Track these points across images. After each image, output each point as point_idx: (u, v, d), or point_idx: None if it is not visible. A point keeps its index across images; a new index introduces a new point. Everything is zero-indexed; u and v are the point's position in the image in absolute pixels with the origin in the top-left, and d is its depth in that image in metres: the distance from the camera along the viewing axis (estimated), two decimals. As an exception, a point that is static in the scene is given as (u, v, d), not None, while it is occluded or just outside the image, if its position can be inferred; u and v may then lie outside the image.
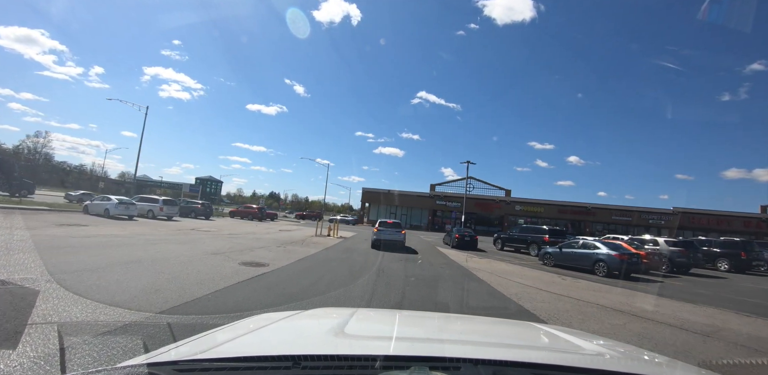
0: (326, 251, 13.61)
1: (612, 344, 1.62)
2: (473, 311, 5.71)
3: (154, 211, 23.91)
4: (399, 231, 16.51)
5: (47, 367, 2.47)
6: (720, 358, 4.19)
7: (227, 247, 11.90)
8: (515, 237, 21.01)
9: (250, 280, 6.75)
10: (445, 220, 50.31)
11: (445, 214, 50.13)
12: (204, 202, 30.50)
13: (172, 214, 24.82)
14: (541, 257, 15.47)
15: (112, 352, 2.82)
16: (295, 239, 17.36)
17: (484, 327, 1.95)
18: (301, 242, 16.16)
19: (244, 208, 34.46)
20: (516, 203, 47.35)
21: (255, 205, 34.83)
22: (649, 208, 45.79)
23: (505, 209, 47.24)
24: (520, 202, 47.38)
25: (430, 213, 49.17)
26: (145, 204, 24.31)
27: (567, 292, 8.43)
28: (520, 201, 47.52)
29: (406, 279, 8.27)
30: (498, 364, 0.97)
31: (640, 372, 1.09)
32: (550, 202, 47.01)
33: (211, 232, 17.42)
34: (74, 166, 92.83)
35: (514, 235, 21.21)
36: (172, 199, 26.19)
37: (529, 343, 1.56)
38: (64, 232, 11.05)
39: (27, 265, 5.94)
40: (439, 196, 48.95)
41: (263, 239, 16.01)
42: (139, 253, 8.42)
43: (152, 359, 0.97)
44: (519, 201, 47.54)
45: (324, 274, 8.21)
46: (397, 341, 1.35)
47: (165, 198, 24.75)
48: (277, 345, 1.27)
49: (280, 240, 16.28)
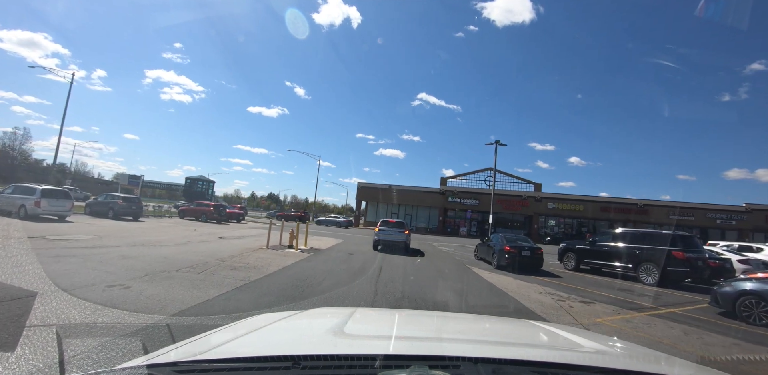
0: (232, 298, 5.02)
1: (611, 342, 1.58)
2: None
3: (27, 208, 15.35)
4: (401, 231, 14.59)
5: (46, 369, 2.47)
6: (719, 354, 3.93)
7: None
8: (604, 249, 12.14)
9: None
10: (459, 221, 41.43)
11: (458, 214, 41.24)
12: (130, 197, 21.83)
13: (61, 211, 16.24)
14: (733, 302, 6.63)
15: (111, 354, 2.81)
16: (222, 256, 9.81)
17: (483, 325, 1.95)
18: (222, 265, 8.23)
19: (197, 207, 25.86)
20: (548, 200, 38.34)
21: (210, 202, 26.16)
22: (716, 206, 36.63)
23: (533, 207, 38.26)
24: (553, 199, 38.37)
25: (441, 213, 40.29)
26: (15, 197, 15.80)
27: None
28: (553, 197, 38.50)
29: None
30: (498, 362, 0.96)
31: (640, 369, 1.05)
32: (589, 198, 37.99)
33: (81, 246, 8.86)
34: (55, 165, 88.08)
35: (601, 244, 12.34)
36: (60, 188, 17.54)
37: (528, 341, 1.55)
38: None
39: None
40: (452, 192, 40.05)
41: (157, 259, 7.53)
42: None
43: (151, 360, 0.97)
44: (551, 197, 38.53)
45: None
46: (396, 340, 1.35)
47: (46, 187, 16.11)
48: (276, 345, 1.28)
49: (188, 262, 8.31)
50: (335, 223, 35.12)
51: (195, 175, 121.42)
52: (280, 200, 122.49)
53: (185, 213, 25.93)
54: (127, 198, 21.10)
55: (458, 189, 40.19)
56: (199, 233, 16.40)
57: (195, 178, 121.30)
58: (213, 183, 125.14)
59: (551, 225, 40.23)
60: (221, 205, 26.37)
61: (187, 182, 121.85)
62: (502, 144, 24.99)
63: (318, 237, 20.08)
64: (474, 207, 39.68)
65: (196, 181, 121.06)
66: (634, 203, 37.14)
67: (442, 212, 40.35)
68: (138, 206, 21.35)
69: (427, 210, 41.66)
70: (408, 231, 14.87)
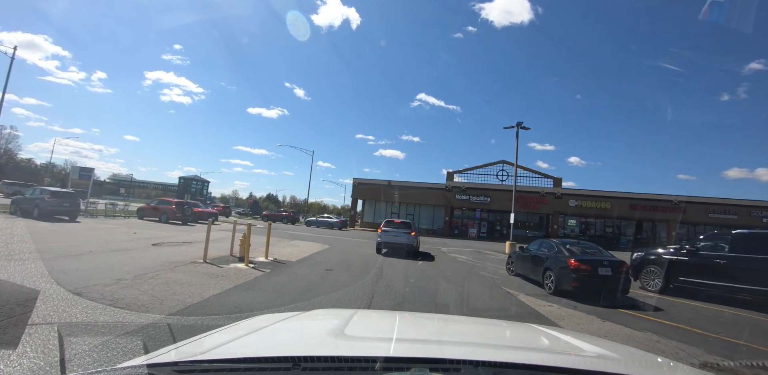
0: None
1: (613, 346, 1.58)
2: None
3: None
4: (408, 232, 12.94)
5: (47, 367, 2.43)
6: (722, 359, 3.87)
7: None
8: (720, 262, 7.73)
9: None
10: (467, 222, 37.03)
11: (466, 213, 36.84)
12: (63, 191, 17.51)
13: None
14: None
15: (111, 353, 2.75)
16: (114, 276, 5.77)
17: (484, 328, 1.89)
18: (62, 304, 3.60)
19: (158, 205, 21.56)
20: (569, 196, 33.82)
21: (173, 199, 21.77)
22: (762, 202, 32.09)
23: (553, 205, 33.77)
24: (576, 195, 33.84)
25: (447, 212, 35.86)
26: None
27: None
28: (576, 193, 33.95)
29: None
30: (498, 365, 0.96)
31: (641, 374, 1.06)
32: (617, 195, 33.44)
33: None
34: (42, 164, 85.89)
35: (712, 255, 7.93)
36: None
37: (529, 344, 1.54)
38: None
39: None
40: (460, 188, 35.60)
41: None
42: None
43: (152, 360, 0.96)
44: (574, 193, 33.98)
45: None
46: (397, 343, 1.34)
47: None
48: (277, 346, 1.27)
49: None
50: (327, 223, 30.72)
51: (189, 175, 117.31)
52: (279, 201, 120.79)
53: (144, 212, 21.66)
54: (58, 193, 16.77)
55: (467, 185, 35.75)
56: (133, 238, 12.39)
57: (189, 178, 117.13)
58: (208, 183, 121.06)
59: (571, 225, 35.79)
60: (186, 202, 22.02)
61: (180, 182, 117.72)
62: (524, 127, 20.61)
63: (298, 242, 15.78)
64: (485, 205, 35.27)
65: (190, 181, 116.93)
66: (669, 200, 32.62)
67: (448, 211, 35.93)
68: (73, 203, 17.04)
69: (431, 209, 37.27)
70: (415, 232, 13.28)
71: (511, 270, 10.49)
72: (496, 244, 26.50)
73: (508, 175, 35.45)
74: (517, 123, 20.78)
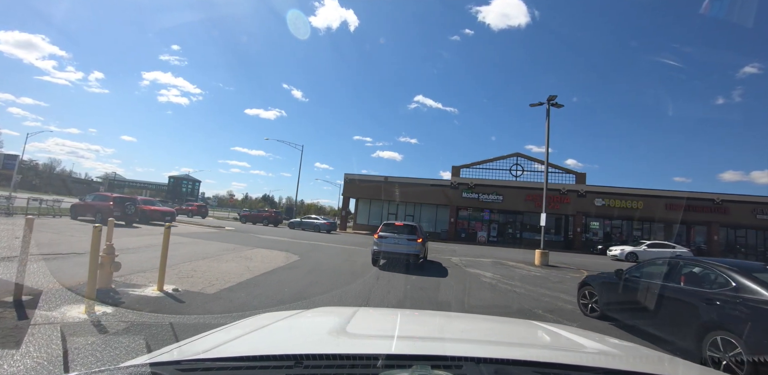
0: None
1: (614, 343, 1.56)
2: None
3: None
4: (412, 238, 10.20)
5: (50, 367, 2.43)
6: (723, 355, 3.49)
7: None
8: None
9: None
10: (475, 224, 32.51)
11: (474, 214, 32.31)
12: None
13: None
14: None
15: (114, 352, 2.77)
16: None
17: (486, 325, 1.89)
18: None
19: (93, 201, 17.08)
20: (595, 194, 29.25)
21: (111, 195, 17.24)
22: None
23: (576, 205, 29.20)
24: (602, 193, 29.25)
25: (452, 212, 31.32)
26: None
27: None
28: (603, 191, 29.36)
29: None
30: (500, 362, 0.95)
31: (643, 370, 1.04)
32: (651, 193, 28.86)
33: None
34: (24, 164, 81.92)
35: None
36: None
37: (531, 341, 1.53)
38: None
39: None
40: (467, 185, 31.08)
41: None
42: None
43: (155, 359, 0.96)
44: (600, 191, 29.40)
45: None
46: (398, 340, 1.32)
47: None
48: (279, 344, 1.27)
49: None
50: (313, 225, 26.13)
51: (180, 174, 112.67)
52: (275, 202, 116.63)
53: (78, 210, 17.19)
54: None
55: (476, 181, 31.25)
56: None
57: (179, 178, 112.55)
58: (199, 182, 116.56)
59: (594, 228, 31.29)
60: (129, 198, 17.50)
61: (170, 182, 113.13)
62: (556, 104, 16.22)
63: (260, 251, 11.32)
64: (497, 204, 30.75)
65: (180, 181, 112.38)
66: (710, 199, 28.08)
67: (453, 212, 31.38)
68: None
69: (433, 209, 32.76)
70: (422, 238, 10.51)
71: (589, 307, 6.00)
72: (512, 252, 21.99)
73: (523, 169, 30.96)
74: (549, 98, 16.32)
